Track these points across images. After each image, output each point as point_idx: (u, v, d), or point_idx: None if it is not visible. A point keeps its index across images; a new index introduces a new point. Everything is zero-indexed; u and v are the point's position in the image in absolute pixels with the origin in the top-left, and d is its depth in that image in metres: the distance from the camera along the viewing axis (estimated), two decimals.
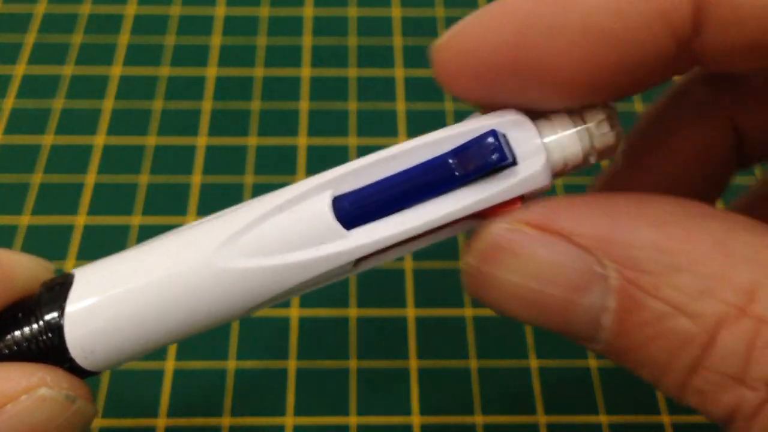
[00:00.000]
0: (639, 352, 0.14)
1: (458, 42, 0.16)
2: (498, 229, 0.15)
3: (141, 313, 0.15)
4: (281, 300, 0.16)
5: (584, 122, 0.15)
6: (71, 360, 0.16)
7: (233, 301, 0.15)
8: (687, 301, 0.13)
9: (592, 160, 0.16)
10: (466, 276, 0.15)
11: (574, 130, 0.15)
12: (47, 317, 0.16)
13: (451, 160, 0.15)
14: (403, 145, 0.15)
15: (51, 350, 0.16)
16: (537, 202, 0.15)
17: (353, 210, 0.15)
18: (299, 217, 0.15)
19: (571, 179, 0.34)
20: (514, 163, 0.15)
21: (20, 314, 0.16)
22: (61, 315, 0.15)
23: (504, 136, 0.15)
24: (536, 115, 0.16)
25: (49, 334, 0.16)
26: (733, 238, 0.13)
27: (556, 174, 0.16)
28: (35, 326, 0.16)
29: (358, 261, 0.16)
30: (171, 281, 0.15)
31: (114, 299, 0.15)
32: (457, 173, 0.15)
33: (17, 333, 0.16)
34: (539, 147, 0.15)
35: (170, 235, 0.16)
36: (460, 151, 0.15)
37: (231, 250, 0.14)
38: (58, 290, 0.16)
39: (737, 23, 0.13)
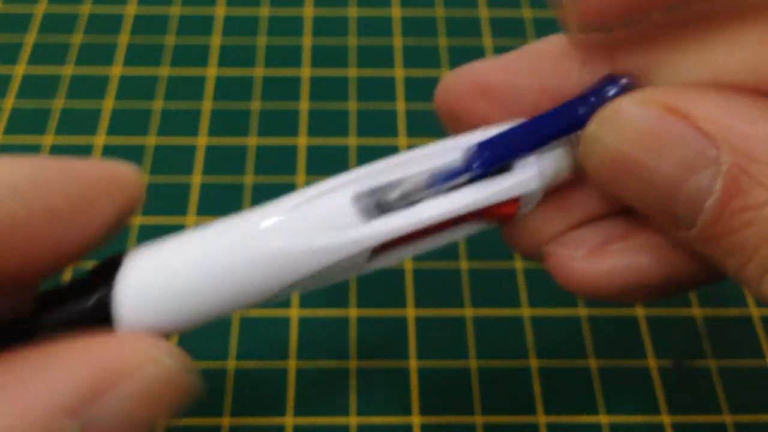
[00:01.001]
0: (731, 237, 0.15)
1: None
2: (628, 102, 0.16)
3: (192, 285, 0.16)
4: (306, 286, 0.17)
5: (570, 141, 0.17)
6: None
7: (273, 278, 0.16)
8: None
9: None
10: (584, 141, 0.16)
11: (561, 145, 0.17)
12: (98, 295, 0.16)
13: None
14: (423, 148, 0.17)
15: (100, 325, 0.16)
16: (669, 86, 0.16)
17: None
18: (326, 208, 0.17)
19: None
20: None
21: (72, 292, 0.16)
22: (110, 292, 0.16)
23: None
24: None
25: (100, 312, 0.16)
26: None
27: (546, 180, 0.17)
28: (88, 305, 0.16)
29: (372, 255, 0.17)
30: (222, 260, 0.16)
31: (167, 273, 0.16)
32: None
33: (71, 309, 0.16)
34: (532, 160, 0.17)
35: (211, 224, 0.17)
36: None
37: (272, 231, 0.16)
38: (108, 269, 0.16)
39: None
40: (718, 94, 0.15)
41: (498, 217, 0.18)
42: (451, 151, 0.17)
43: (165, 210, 0.33)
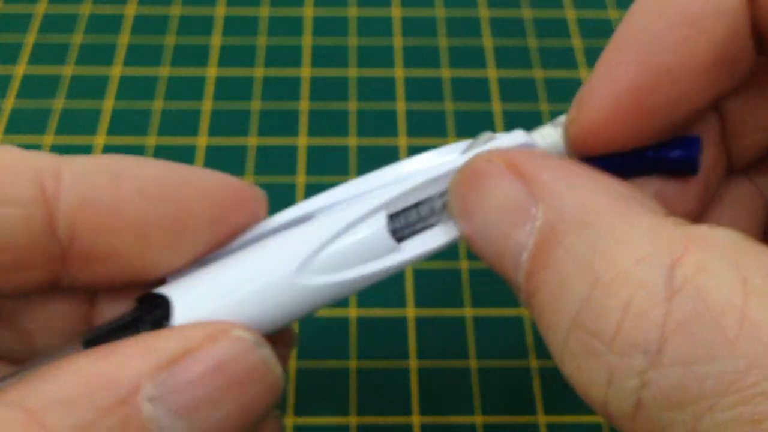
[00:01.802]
0: (538, 295, 0.15)
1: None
2: (480, 158, 0.17)
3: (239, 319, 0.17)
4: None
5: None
6: None
7: (309, 308, 0.17)
8: (583, 252, 0.14)
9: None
10: (451, 195, 0.18)
11: (559, 138, 0.19)
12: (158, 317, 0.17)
13: None
14: (441, 167, 0.18)
15: None
16: (521, 150, 0.18)
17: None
18: (361, 237, 0.17)
19: None
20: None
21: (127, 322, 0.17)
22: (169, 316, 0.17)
23: None
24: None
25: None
26: (638, 215, 0.15)
27: None
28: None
29: None
30: (261, 299, 0.17)
31: (212, 311, 0.17)
32: None
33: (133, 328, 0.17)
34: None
35: (254, 251, 0.18)
36: None
37: (308, 269, 0.17)
38: (158, 314, 0.16)
39: None
40: (561, 164, 0.16)
41: None
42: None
43: None
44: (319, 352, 0.29)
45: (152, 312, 0.16)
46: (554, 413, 0.28)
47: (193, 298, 0.16)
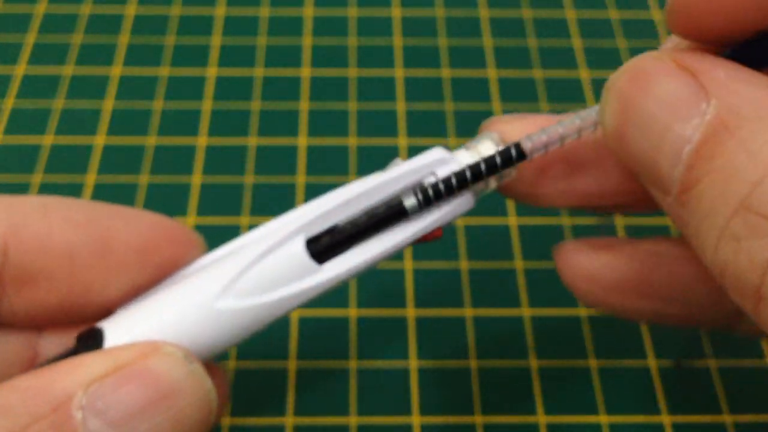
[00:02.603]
0: (698, 186, 0.15)
1: None
2: (648, 56, 0.17)
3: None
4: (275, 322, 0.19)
5: (480, 155, 0.19)
6: None
7: (237, 331, 0.18)
8: (759, 143, 0.15)
9: (492, 184, 0.20)
10: (604, 90, 0.17)
11: (479, 159, 0.19)
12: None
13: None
14: (357, 185, 0.19)
15: None
16: (690, 50, 0.17)
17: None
18: (280, 261, 0.18)
19: None
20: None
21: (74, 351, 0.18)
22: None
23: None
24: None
25: None
26: None
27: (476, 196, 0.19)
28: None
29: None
30: (187, 324, 0.17)
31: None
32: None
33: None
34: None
35: (182, 282, 0.18)
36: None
37: (230, 294, 0.18)
38: (92, 345, 0.17)
39: None
40: (729, 62, 0.16)
41: (425, 240, 0.19)
42: (382, 188, 0.19)
43: (165, 210, 0.32)
44: (319, 352, 0.29)
45: (88, 344, 0.17)
46: (554, 413, 0.28)
47: (124, 326, 0.17)
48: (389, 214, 0.19)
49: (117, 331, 0.17)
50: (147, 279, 0.18)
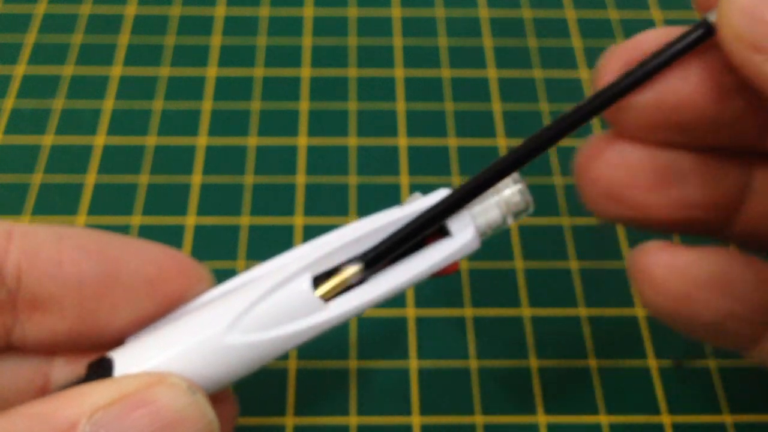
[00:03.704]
0: None
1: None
2: None
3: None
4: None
5: (498, 193, 0.19)
6: None
7: (243, 365, 0.18)
8: None
9: (509, 221, 0.20)
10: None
11: (493, 201, 0.19)
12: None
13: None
14: (363, 224, 0.19)
15: None
16: None
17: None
18: (287, 298, 0.18)
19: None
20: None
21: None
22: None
23: None
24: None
25: None
26: None
27: (482, 236, 0.20)
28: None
29: None
30: (194, 357, 0.18)
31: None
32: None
33: None
34: (468, 221, 0.19)
35: (191, 315, 0.19)
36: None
37: (237, 329, 0.18)
38: (102, 373, 0.18)
39: None
40: None
41: (440, 275, 0.20)
42: (389, 227, 0.19)
43: (165, 210, 0.33)
44: (319, 352, 0.29)
45: (98, 373, 0.18)
46: (554, 413, 0.28)
47: (133, 357, 0.18)
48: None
49: (126, 361, 0.18)
50: (155, 309, 0.19)
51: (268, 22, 0.39)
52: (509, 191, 0.20)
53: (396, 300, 0.30)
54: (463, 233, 0.19)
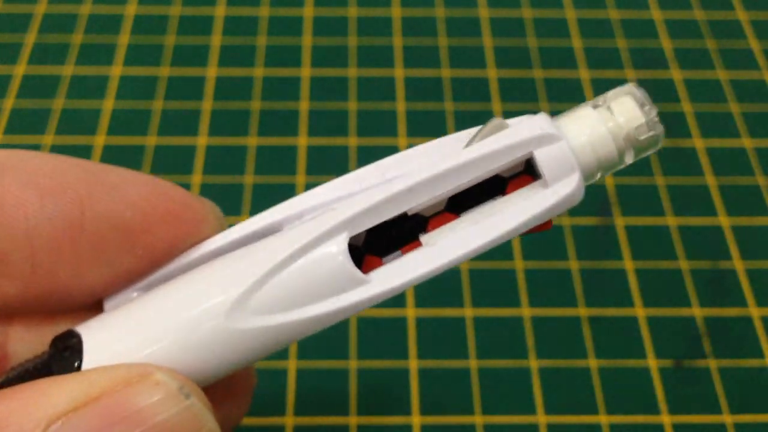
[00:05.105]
0: None
1: None
2: None
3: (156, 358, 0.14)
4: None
5: (613, 115, 0.14)
6: None
7: (247, 356, 0.14)
8: None
9: (628, 159, 0.14)
10: None
11: (605, 129, 0.14)
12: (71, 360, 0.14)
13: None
14: (409, 179, 0.14)
15: None
16: None
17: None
18: (314, 267, 0.13)
19: None
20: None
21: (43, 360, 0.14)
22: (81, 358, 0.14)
23: None
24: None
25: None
26: None
27: (589, 180, 0.14)
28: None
29: None
30: (184, 347, 0.13)
31: (129, 345, 0.14)
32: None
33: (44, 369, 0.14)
34: (573, 165, 0.14)
35: (187, 280, 0.14)
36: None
37: (245, 308, 0.13)
38: (68, 357, 0.14)
39: None
40: None
41: (528, 233, 0.15)
42: (451, 175, 0.14)
43: None
44: (319, 352, 0.29)
45: (63, 356, 0.14)
46: (554, 413, 0.28)
47: (106, 336, 0.14)
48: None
49: (98, 341, 0.13)
50: (138, 263, 0.14)
51: (268, 22, 0.39)
52: (628, 113, 0.13)
53: (396, 300, 0.30)
54: (563, 181, 0.14)
